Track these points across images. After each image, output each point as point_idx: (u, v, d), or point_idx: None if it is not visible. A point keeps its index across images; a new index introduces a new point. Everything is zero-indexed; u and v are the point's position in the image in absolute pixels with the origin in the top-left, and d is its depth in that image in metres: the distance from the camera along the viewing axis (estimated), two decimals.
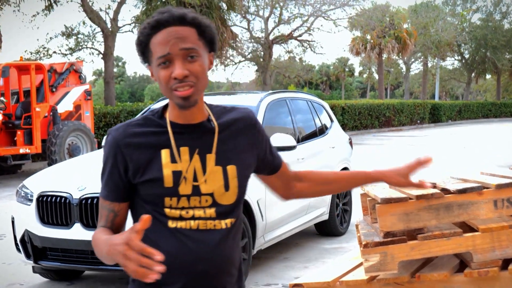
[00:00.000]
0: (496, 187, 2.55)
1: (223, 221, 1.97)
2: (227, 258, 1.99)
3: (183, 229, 1.94)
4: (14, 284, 6.32)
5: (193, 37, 1.91)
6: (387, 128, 35.14)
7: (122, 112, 19.95)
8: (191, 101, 1.91)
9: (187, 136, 1.98)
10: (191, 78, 1.89)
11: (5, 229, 8.19)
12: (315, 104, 8.77)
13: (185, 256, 1.94)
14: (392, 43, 41.27)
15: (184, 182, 1.94)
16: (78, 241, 5.59)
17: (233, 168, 1.99)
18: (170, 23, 1.90)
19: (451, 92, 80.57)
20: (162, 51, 1.88)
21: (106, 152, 2.02)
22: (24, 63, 15.46)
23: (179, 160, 1.95)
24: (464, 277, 2.54)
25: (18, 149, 14.58)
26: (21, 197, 6.12)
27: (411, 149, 21.99)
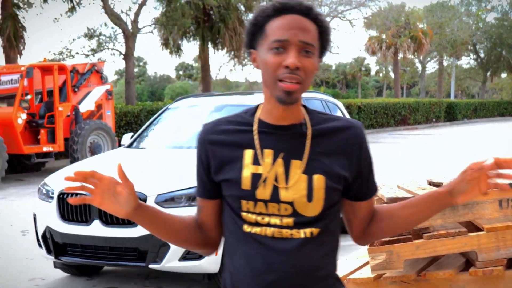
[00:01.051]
0: None
1: (302, 230, 1.80)
2: (302, 269, 1.80)
3: (257, 235, 1.81)
4: (35, 278, 6.38)
5: (314, 34, 1.78)
6: (403, 126, 34.97)
7: (142, 111, 20.05)
8: (292, 98, 1.75)
9: (274, 137, 1.83)
10: (301, 73, 1.74)
11: (28, 225, 8.26)
12: (330, 104, 8.75)
13: (256, 263, 1.81)
14: (407, 42, 41.07)
15: (262, 186, 1.80)
16: (97, 237, 5.63)
17: (320, 179, 1.80)
18: (296, 10, 1.77)
19: (466, 90, 79.98)
20: (280, 35, 1.74)
21: (196, 147, 1.95)
22: (48, 64, 15.58)
23: (261, 162, 1.81)
24: (469, 276, 2.53)
25: (41, 147, 14.71)
26: (43, 195, 6.17)
27: (427, 147, 21.88)
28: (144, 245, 5.50)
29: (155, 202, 5.52)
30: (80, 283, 6.21)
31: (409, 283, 2.62)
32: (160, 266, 5.48)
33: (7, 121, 14.16)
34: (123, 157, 6.95)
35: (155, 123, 7.77)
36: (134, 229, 5.50)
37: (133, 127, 19.44)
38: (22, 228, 8.76)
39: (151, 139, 7.48)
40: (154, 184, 5.71)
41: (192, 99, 8.14)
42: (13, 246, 7.80)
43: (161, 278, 6.28)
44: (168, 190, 5.61)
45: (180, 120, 7.73)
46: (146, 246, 5.50)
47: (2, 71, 15.21)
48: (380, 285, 2.69)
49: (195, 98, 8.19)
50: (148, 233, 5.45)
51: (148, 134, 7.60)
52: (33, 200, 6.43)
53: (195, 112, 7.72)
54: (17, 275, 6.49)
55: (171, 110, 7.88)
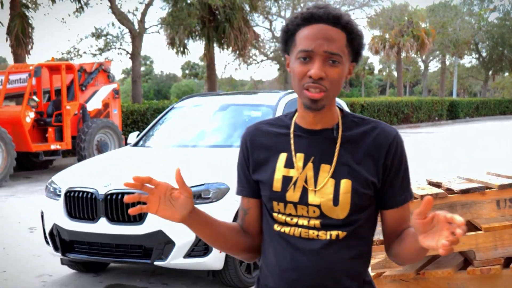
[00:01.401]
0: (499, 188, 2.54)
1: (328, 232, 1.82)
2: (324, 270, 1.82)
3: (286, 234, 1.86)
4: (43, 275, 6.41)
5: (341, 43, 1.78)
6: (406, 124, 34.92)
7: (149, 109, 20.07)
8: (318, 105, 1.78)
9: (307, 141, 1.87)
10: (325, 83, 1.76)
11: (36, 222, 8.29)
12: None
13: (283, 261, 1.86)
14: (410, 42, 40.99)
15: (292, 188, 1.84)
16: (104, 234, 5.65)
17: (347, 183, 1.81)
18: (324, 20, 1.78)
19: (469, 89, 79.78)
20: (306, 45, 1.77)
21: (239, 148, 2.00)
22: (55, 64, 15.61)
23: (294, 165, 1.85)
24: (467, 274, 2.53)
25: (49, 145, 14.74)
26: (50, 192, 6.20)
27: (429, 145, 21.85)
28: (150, 242, 5.52)
29: None
30: (87, 280, 6.23)
31: (409, 281, 2.63)
32: (165, 263, 5.50)
33: (16, 120, 14.19)
34: (129, 156, 6.97)
35: (160, 122, 7.79)
36: (140, 227, 5.52)
37: (139, 125, 19.47)
38: (30, 225, 8.79)
39: (156, 138, 7.50)
40: None
41: (197, 98, 8.15)
42: (21, 243, 7.83)
43: (166, 275, 6.30)
44: None
45: (185, 119, 7.74)
46: (151, 244, 5.52)
47: (10, 70, 15.24)
48: (380, 284, 2.70)
49: (200, 97, 8.20)
50: (153, 230, 5.50)
51: (154, 133, 7.61)
52: (41, 198, 6.46)
53: (200, 112, 7.74)
54: (25, 272, 6.52)
55: (177, 109, 7.90)
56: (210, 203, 5.54)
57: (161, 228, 5.48)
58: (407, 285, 2.64)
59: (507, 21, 54.54)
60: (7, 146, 13.38)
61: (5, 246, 7.69)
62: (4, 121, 14.08)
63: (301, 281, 1.83)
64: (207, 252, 5.49)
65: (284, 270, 1.85)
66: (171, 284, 6.01)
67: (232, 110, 7.44)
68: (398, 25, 41.03)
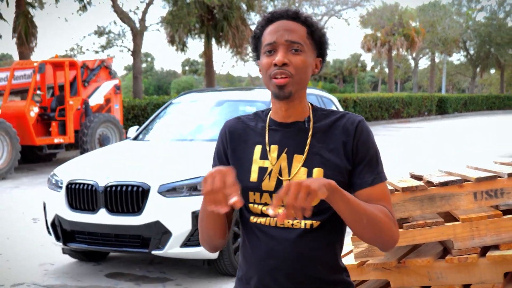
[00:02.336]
0: (476, 180, 2.56)
1: (303, 221, 1.84)
2: (301, 257, 1.84)
3: (262, 224, 1.88)
4: (45, 264, 6.42)
5: (301, 33, 1.86)
6: (396, 119, 34.95)
7: (149, 104, 20.06)
8: (285, 92, 1.82)
9: (280, 134, 1.91)
10: (289, 69, 1.82)
11: (39, 213, 8.31)
12: (325, 99, 8.78)
13: (260, 251, 1.88)
14: (401, 40, 41.03)
15: (268, 178, 1.87)
16: (103, 225, 5.67)
17: (319, 171, 1.84)
18: (284, 16, 1.87)
19: (457, 85, 79.82)
20: (269, 39, 1.85)
21: (217, 140, 2.02)
22: (59, 60, 15.60)
23: (268, 157, 1.89)
24: (445, 263, 2.55)
25: (52, 139, 14.74)
26: (52, 184, 6.21)
27: (419, 139, 21.88)
28: (147, 232, 5.53)
29: (158, 192, 5.55)
30: (87, 268, 6.25)
31: (391, 269, 2.65)
32: (162, 252, 5.52)
33: (20, 114, 14.19)
34: (129, 149, 6.98)
35: (159, 117, 7.80)
36: (138, 218, 5.54)
37: (140, 119, 19.47)
38: (33, 216, 8.80)
39: (155, 132, 7.51)
40: (157, 174, 5.74)
41: (194, 94, 8.17)
42: (25, 233, 7.84)
43: (163, 263, 6.32)
44: (170, 181, 5.64)
45: (183, 114, 7.76)
46: (149, 233, 5.53)
47: (15, 67, 15.23)
48: (363, 272, 2.72)
49: (197, 93, 8.21)
50: (151, 221, 5.51)
51: (153, 127, 7.63)
52: (44, 189, 6.47)
53: (197, 107, 7.75)
54: (28, 260, 6.54)
55: (175, 104, 7.91)
56: None
57: (158, 219, 5.50)
58: (389, 273, 2.66)
59: (493, 21, 54.59)
60: (12, 140, 13.39)
61: (9, 236, 7.70)
62: (9, 115, 14.08)
63: (279, 269, 1.85)
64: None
65: (261, 260, 1.87)
66: (168, 272, 6.03)
67: (228, 105, 7.45)
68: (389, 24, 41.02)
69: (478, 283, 2.55)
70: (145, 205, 5.54)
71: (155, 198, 5.54)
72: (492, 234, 2.54)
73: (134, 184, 5.61)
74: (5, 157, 13.31)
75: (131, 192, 5.59)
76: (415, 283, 2.63)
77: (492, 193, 2.57)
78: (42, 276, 5.98)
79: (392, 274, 2.65)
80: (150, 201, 5.54)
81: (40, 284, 5.74)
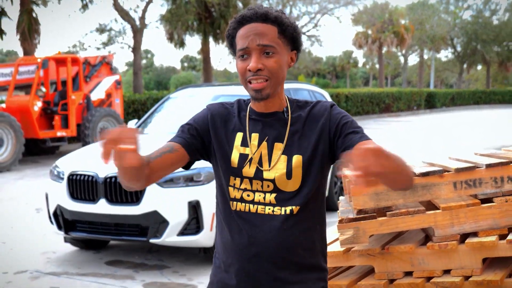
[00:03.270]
0: (456, 171, 2.58)
1: (283, 207, 1.85)
2: (283, 244, 1.84)
3: (242, 212, 1.87)
4: (47, 252, 6.43)
5: (273, 35, 1.83)
6: (387, 114, 34.95)
7: (149, 99, 20.03)
8: (263, 94, 1.83)
9: (261, 123, 1.91)
10: (264, 72, 1.81)
11: (42, 203, 8.31)
12: (316, 94, 8.78)
13: (240, 238, 1.87)
14: (391, 37, 41.02)
15: (248, 165, 1.88)
16: (103, 214, 5.68)
17: (298, 158, 1.86)
18: (253, 19, 1.84)
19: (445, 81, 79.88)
20: (242, 44, 1.83)
21: (199, 113, 1.98)
22: (62, 57, 15.56)
23: (248, 144, 1.89)
24: (427, 249, 2.58)
25: (55, 132, 14.72)
26: (54, 176, 6.21)
27: (408, 132, 21.92)
28: (146, 221, 5.55)
29: (156, 182, 5.56)
30: (88, 256, 6.26)
31: (375, 255, 2.67)
32: (160, 241, 5.54)
33: (24, 108, 14.17)
34: None
35: (157, 111, 7.80)
36: (137, 207, 5.55)
37: (140, 114, 19.43)
38: (36, 206, 8.80)
39: (153, 125, 7.52)
40: None
41: (191, 89, 8.17)
42: (28, 222, 7.85)
43: (161, 251, 6.34)
44: None
45: (180, 108, 7.76)
46: (147, 223, 5.55)
47: (20, 63, 15.18)
48: (349, 258, 2.74)
49: (194, 88, 8.22)
50: (149, 211, 5.52)
51: (151, 121, 7.63)
52: (47, 181, 6.47)
53: (193, 101, 7.75)
54: (31, 249, 6.55)
55: (172, 99, 7.91)
56: (201, 185, 5.58)
57: (156, 208, 5.51)
58: (374, 259, 2.68)
59: (480, 19, 54.57)
60: (16, 133, 13.37)
61: (13, 225, 7.70)
62: (13, 109, 14.06)
63: (260, 255, 1.85)
64: (199, 231, 5.53)
65: (242, 247, 1.87)
66: (166, 260, 6.05)
67: (223, 100, 7.42)
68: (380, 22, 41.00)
69: (458, 268, 2.57)
70: (143, 195, 5.55)
71: (153, 188, 5.55)
72: (471, 222, 2.57)
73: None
74: (9, 149, 13.29)
75: None
76: (398, 269, 2.65)
77: (471, 183, 2.59)
78: (45, 264, 5.99)
79: (376, 260, 2.67)
80: (148, 191, 5.55)
81: (42, 271, 5.75)
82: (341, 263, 2.75)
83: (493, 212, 2.57)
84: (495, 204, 2.58)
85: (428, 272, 2.60)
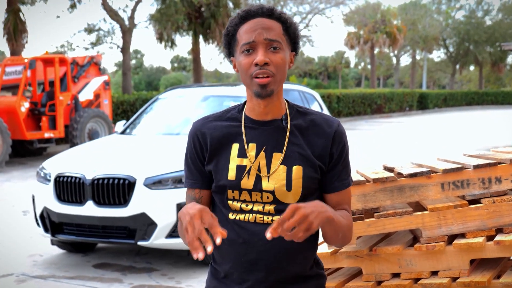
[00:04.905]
0: (443, 172, 2.60)
1: None
2: (280, 252, 1.84)
3: (241, 221, 1.85)
4: (34, 255, 6.41)
5: (278, 31, 1.82)
6: (378, 114, 35.07)
7: (138, 100, 20.00)
8: (268, 90, 1.79)
9: (258, 132, 1.87)
10: (271, 68, 1.79)
11: (29, 206, 8.29)
12: (307, 94, 8.81)
13: (238, 246, 1.85)
14: (383, 38, 41.15)
15: (246, 177, 1.84)
16: (91, 217, 5.68)
17: (298, 169, 1.84)
18: (259, 14, 1.83)
19: (437, 82, 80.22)
20: (247, 38, 1.80)
21: (188, 143, 1.96)
22: (49, 57, 15.52)
23: (246, 155, 1.85)
24: (414, 250, 2.59)
25: (43, 133, 14.68)
26: (41, 177, 6.20)
27: (400, 134, 22.00)
28: (134, 224, 5.55)
29: (144, 184, 5.56)
30: (75, 259, 6.25)
31: (362, 257, 2.69)
32: (148, 243, 5.54)
33: (11, 109, 14.12)
34: (115, 143, 6.98)
35: (146, 111, 7.80)
36: (125, 209, 5.55)
37: (129, 115, 19.41)
38: (23, 208, 8.77)
39: (142, 126, 7.51)
40: (143, 168, 5.75)
41: (180, 89, 8.17)
42: (15, 225, 7.82)
43: (150, 254, 6.34)
44: (156, 174, 5.66)
45: (169, 109, 7.76)
46: (135, 225, 5.55)
47: (7, 63, 15.13)
48: (337, 260, 2.76)
49: (184, 89, 8.22)
50: (137, 213, 5.52)
51: (140, 122, 7.63)
52: (34, 182, 6.45)
53: (182, 102, 7.76)
54: (18, 252, 6.52)
55: (161, 100, 7.91)
56: None
57: (144, 210, 5.51)
58: (362, 261, 2.70)
59: (472, 19, 54.90)
60: (3, 134, 13.32)
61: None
62: (0, 110, 14.01)
63: (258, 264, 1.84)
64: None
65: (240, 255, 1.86)
66: (154, 263, 6.05)
67: (212, 101, 7.46)
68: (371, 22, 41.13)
69: (446, 270, 2.59)
70: (131, 197, 5.56)
71: (141, 190, 5.55)
72: (458, 223, 2.59)
73: (120, 177, 5.62)
74: None
75: (118, 184, 5.60)
76: (386, 270, 2.67)
77: (458, 184, 2.62)
78: (31, 267, 5.97)
79: (364, 262, 2.68)
80: (136, 193, 5.55)
81: (29, 274, 5.74)
82: (328, 265, 2.77)
83: (480, 213, 2.59)
84: (482, 205, 2.60)
85: (416, 274, 2.62)
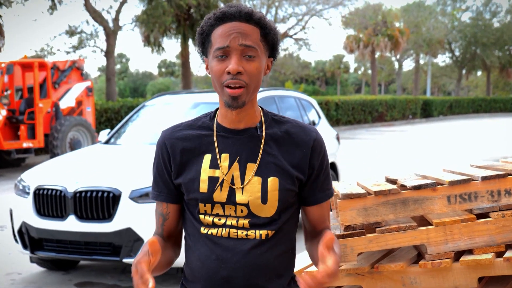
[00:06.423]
0: (450, 184, 2.61)
1: (258, 231, 1.83)
2: (256, 269, 1.83)
3: (213, 236, 1.84)
4: (12, 273, 6.39)
5: (255, 37, 1.79)
6: (380, 123, 35.18)
7: (123, 107, 20.02)
8: (239, 102, 1.78)
9: (231, 141, 1.86)
10: (244, 77, 1.76)
11: (6, 220, 8.25)
12: (304, 102, 8.85)
13: (210, 262, 1.84)
14: (384, 41, 41.32)
15: (219, 189, 1.83)
16: (73, 232, 5.66)
17: (274, 181, 1.83)
18: (236, 17, 1.79)
19: (442, 88, 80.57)
20: (221, 43, 1.77)
21: (155, 153, 1.96)
22: (28, 61, 15.52)
23: (219, 166, 1.84)
24: (419, 268, 2.60)
25: (21, 143, 14.66)
26: (19, 190, 6.18)
27: (403, 143, 22.05)
28: (119, 239, 5.54)
29: (130, 197, 5.56)
30: (56, 277, 6.23)
31: (364, 275, 2.69)
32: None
33: None
34: (99, 154, 6.97)
35: (132, 120, 7.80)
36: (109, 224, 5.54)
37: (113, 123, 19.41)
38: (0, 223, 8.73)
39: (127, 135, 7.51)
40: (128, 180, 5.74)
41: (168, 96, 8.18)
42: None
43: None
44: (142, 186, 5.65)
45: (156, 117, 7.76)
46: (120, 241, 5.54)
47: None
48: (336, 277, 2.76)
49: (172, 95, 8.23)
50: (122, 228, 5.51)
51: (125, 131, 7.63)
52: (11, 196, 6.43)
53: (171, 109, 7.76)
54: None
55: (148, 107, 7.92)
56: None
57: (130, 225, 5.50)
58: (362, 279, 2.70)
59: (479, 21, 55.19)
60: None
61: None
62: None
63: (231, 281, 1.83)
64: None
65: (213, 272, 1.84)
66: None
67: (203, 108, 7.47)
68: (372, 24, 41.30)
69: None
70: (116, 211, 5.55)
71: (126, 204, 5.54)
72: (465, 239, 2.60)
73: (104, 189, 5.61)
74: None
75: (102, 198, 5.60)
76: None
77: (466, 197, 2.63)
78: (9, 286, 5.95)
79: (365, 280, 2.69)
80: (121, 207, 5.54)
81: None
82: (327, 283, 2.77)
83: (489, 228, 2.61)
84: (491, 219, 2.61)
85: None
